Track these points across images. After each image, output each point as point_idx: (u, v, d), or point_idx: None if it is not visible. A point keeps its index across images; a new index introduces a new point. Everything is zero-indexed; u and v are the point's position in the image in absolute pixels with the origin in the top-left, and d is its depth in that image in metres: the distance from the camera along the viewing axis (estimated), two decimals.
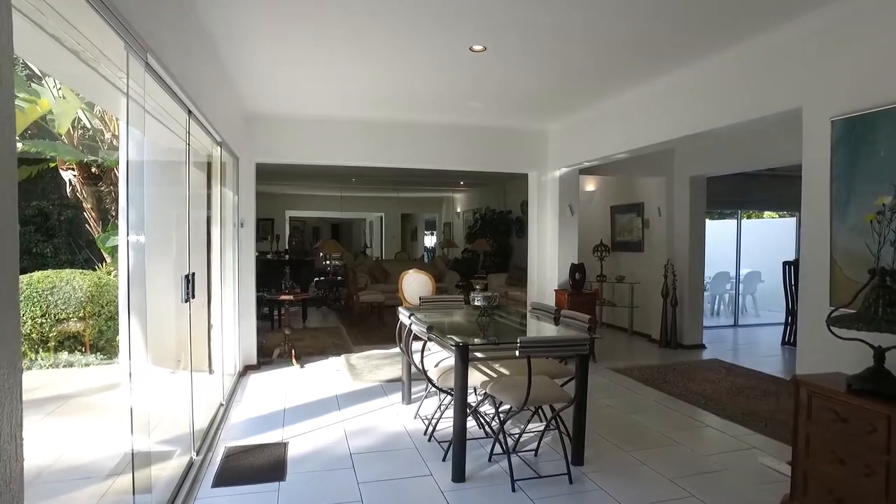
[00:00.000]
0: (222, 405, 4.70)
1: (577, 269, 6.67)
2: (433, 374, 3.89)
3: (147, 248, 5.36)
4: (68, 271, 6.09)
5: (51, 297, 5.67)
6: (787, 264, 7.81)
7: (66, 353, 5.77)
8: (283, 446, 3.92)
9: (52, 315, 5.65)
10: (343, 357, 6.73)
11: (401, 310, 4.61)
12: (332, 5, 3.32)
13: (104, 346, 6.06)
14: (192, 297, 3.45)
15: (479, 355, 3.48)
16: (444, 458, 3.69)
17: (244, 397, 5.14)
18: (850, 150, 3.13)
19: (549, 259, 7.05)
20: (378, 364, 6.38)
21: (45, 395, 5.13)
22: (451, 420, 4.25)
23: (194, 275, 3.47)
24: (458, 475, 3.38)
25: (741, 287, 10.20)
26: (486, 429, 4.03)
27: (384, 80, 4.92)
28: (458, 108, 5.98)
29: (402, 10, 3.39)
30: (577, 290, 6.63)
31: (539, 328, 4.32)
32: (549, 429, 3.90)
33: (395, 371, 5.96)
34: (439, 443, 3.94)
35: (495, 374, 3.87)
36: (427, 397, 4.80)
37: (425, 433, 4.17)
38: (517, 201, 12.48)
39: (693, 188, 7.43)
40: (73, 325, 5.73)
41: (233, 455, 3.76)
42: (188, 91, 3.12)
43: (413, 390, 5.04)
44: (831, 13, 3.27)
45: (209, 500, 3.18)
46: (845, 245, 3.15)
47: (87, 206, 7.72)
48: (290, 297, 6.46)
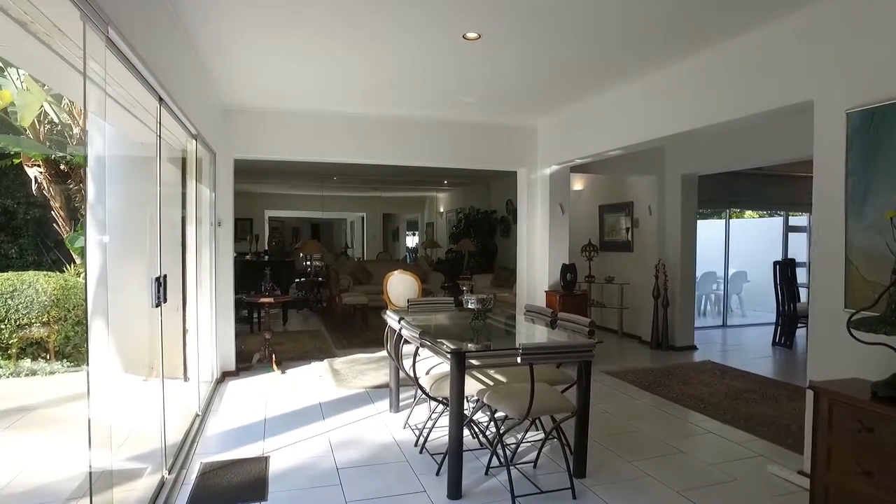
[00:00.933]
0: (198, 416, 4.40)
1: (568, 270, 6.48)
2: (425, 382, 3.65)
3: (118, 248, 5.05)
4: (31, 273, 5.73)
5: (11, 301, 5.30)
6: (777, 264, 7.72)
7: (29, 360, 5.41)
8: (263, 461, 3.65)
9: (13, 320, 5.28)
10: (326, 362, 6.45)
11: (389, 313, 4.36)
12: None
13: (71, 352, 5.70)
14: (164, 301, 3.16)
15: (476, 363, 3.24)
16: (437, 473, 3.46)
17: (222, 406, 4.84)
18: (867, 143, 2.97)
19: (538, 259, 6.85)
20: (363, 369, 6.12)
21: (5, 406, 4.78)
22: (443, 430, 4.04)
23: (166, 277, 3.19)
24: (455, 492, 3.15)
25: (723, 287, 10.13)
26: (481, 438, 3.80)
27: (370, 71, 4.67)
28: (446, 103, 5.75)
29: None
30: (569, 291, 6.45)
31: (536, 332, 4.11)
32: (549, 438, 3.69)
33: (382, 376, 5.71)
34: (432, 455, 3.70)
35: (491, 381, 3.64)
36: (417, 404, 4.57)
37: (416, 444, 3.93)
38: (502, 200, 12.30)
39: (684, 187, 7.30)
40: (37, 331, 5.37)
41: (209, 472, 3.47)
42: (158, 75, 2.84)
43: (401, 396, 4.80)
44: None
45: None
46: (863, 244, 2.99)
47: (55, 204, 7.33)
48: (270, 299, 6.16)
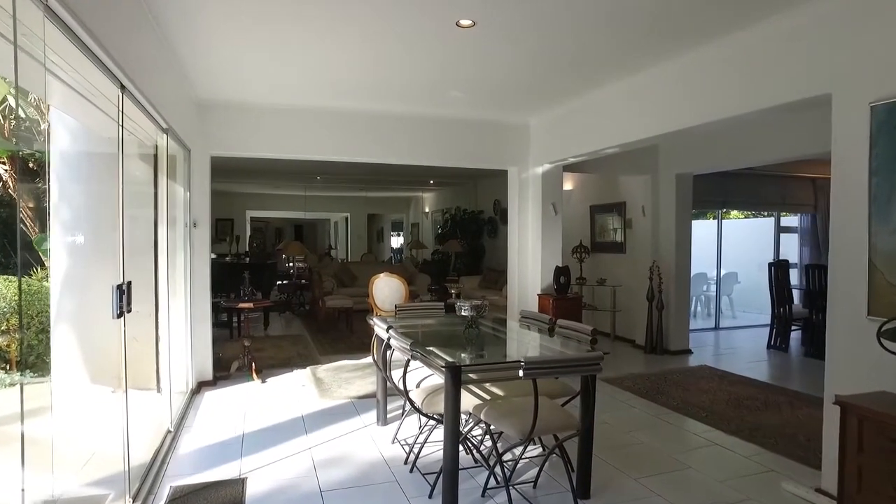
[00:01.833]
0: (170, 432, 4.08)
1: (561, 272, 6.25)
2: (416, 395, 3.38)
3: (86, 251, 4.70)
4: None
5: None
6: (771, 265, 7.57)
7: None
8: (240, 483, 3.35)
9: None
10: (309, 370, 6.15)
11: (376, 320, 4.08)
12: None
13: (35, 362, 5.32)
14: (128, 310, 2.85)
15: (474, 377, 2.98)
16: (430, 495, 3.19)
17: (196, 421, 4.52)
18: (894, 139, 2.76)
19: (530, 262, 6.61)
20: (348, 377, 5.82)
21: None
22: (435, 445, 3.78)
23: (130, 284, 2.88)
24: None
25: (716, 288, 10.00)
26: (475, 454, 3.54)
27: (354, 63, 4.39)
28: (435, 98, 5.48)
29: None
30: (562, 294, 6.21)
31: (535, 342, 3.86)
32: (551, 454, 3.44)
33: (368, 385, 5.42)
34: (424, 475, 3.43)
35: (486, 395, 3.38)
36: (406, 416, 4.28)
37: (406, 461, 3.66)
38: (489, 200, 12.06)
39: (679, 187, 7.11)
40: None
41: (180, 498, 3.16)
42: (118, 59, 2.54)
43: (389, 407, 4.52)
44: None
45: None
46: (889, 248, 2.78)
47: (22, 204, 6.92)
48: (249, 304, 5.83)
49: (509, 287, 6.89)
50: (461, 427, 3.11)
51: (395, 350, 3.57)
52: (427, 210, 16.71)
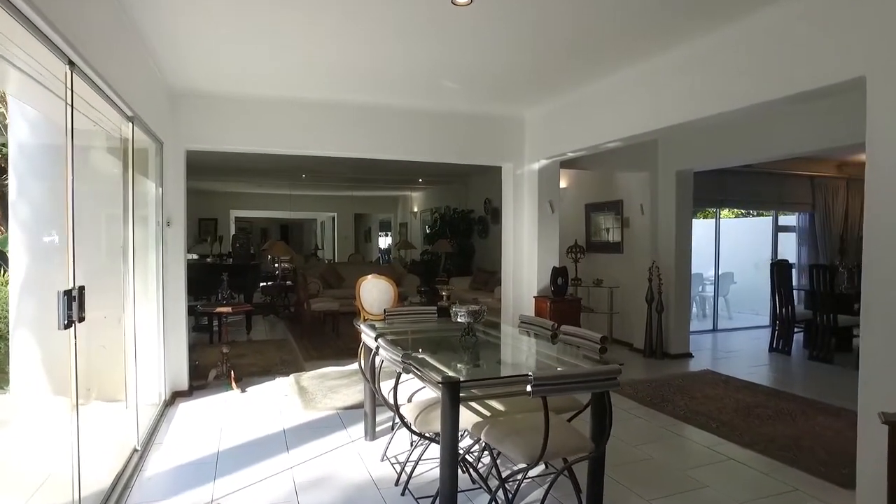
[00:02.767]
0: (136, 450, 3.71)
1: (559, 273, 5.95)
2: (409, 412, 3.05)
3: (47, 251, 4.31)
4: None
5: None
6: (773, 265, 7.33)
7: None
8: None
9: None
10: (293, 377, 5.79)
11: (363, 327, 3.74)
12: None
13: None
14: (80, 318, 2.50)
15: (476, 392, 2.66)
16: None
17: (168, 437, 4.15)
18: None
19: (526, 263, 6.30)
20: (334, 385, 5.47)
21: None
22: (429, 464, 3.46)
23: (83, 289, 2.52)
24: None
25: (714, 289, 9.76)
26: (473, 473, 3.21)
27: (343, 48, 4.04)
28: (426, 89, 5.15)
29: None
30: (560, 296, 5.91)
31: (538, 351, 3.55)
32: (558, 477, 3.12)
33: (355, 394, 5.08)
34: (416, 499, 3.11)
35: (485, 410, 3.06)
36: (396, 429, 3.94)
37: (397, 482, 3.33)
38: (480, 199, 11.76)
39: (679, 184, 6.85)
40: None
41: None
42: (66, 32, 2.18)
43: (378, 418, 4.19)
44: None
45: None
46: None
47: None
48: (227, 309, 5.46)
49: (503, 289, 6.58)
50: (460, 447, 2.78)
51: (384, 360, 3.24)
52: (416, 209, 16.38)
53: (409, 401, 3.33)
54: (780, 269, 7.24)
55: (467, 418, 2.91)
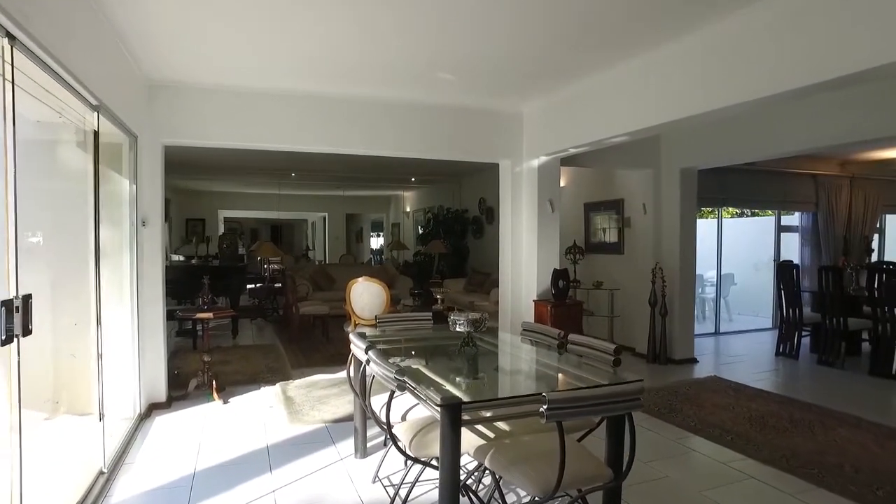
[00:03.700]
0: (102, 473, 3.37)
1: (560, 276, 5.66)
2: (403, 433, 2.73)
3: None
4: None
5: None
6: (779, 266, 7.07)
7: None
8: None
9: None
10: (279, 386, 5.46)
11: (353, 338, 3.42)
12: None
13: None
14: (23, 333, 2.17)
15: (485, 414, 2.36)
16: None
17: (140, 455, 3.82)
18: None
19: (525, 265, 6.00)
20: (322, 396, 5.15)
21: None
22: (426, 486, 3.16)
23: (28, 298, 2.19)
24: None
25: (714, 291, 9.51)
26: (473, 498, 2.91)
27: (333, 35, 3.72)
28: (420, 81, 4.83)
29: None
30: (561, 300, 5.62)
31: (547, 364, 3.25)
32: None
33: (345, 404, 4.77)
34: None
35: (489, 431, 2.75)
36: (389, 447, 3.61)
37: None
38: (474, 199, 11.46)
39: (683, 182, 6.58)
40: None
41: None
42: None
43: (369, 434, 3.88)
44: None
45: None
46: None
47: None
48: (208, 315, 5.12)
49: (501, 293, 6.28)
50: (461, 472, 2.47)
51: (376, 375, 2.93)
52: (408, 209, 16.06)
53: (403, 419, 3.03)
54: (785, 270, 6.99)
55: (469, 440, 2.60)
